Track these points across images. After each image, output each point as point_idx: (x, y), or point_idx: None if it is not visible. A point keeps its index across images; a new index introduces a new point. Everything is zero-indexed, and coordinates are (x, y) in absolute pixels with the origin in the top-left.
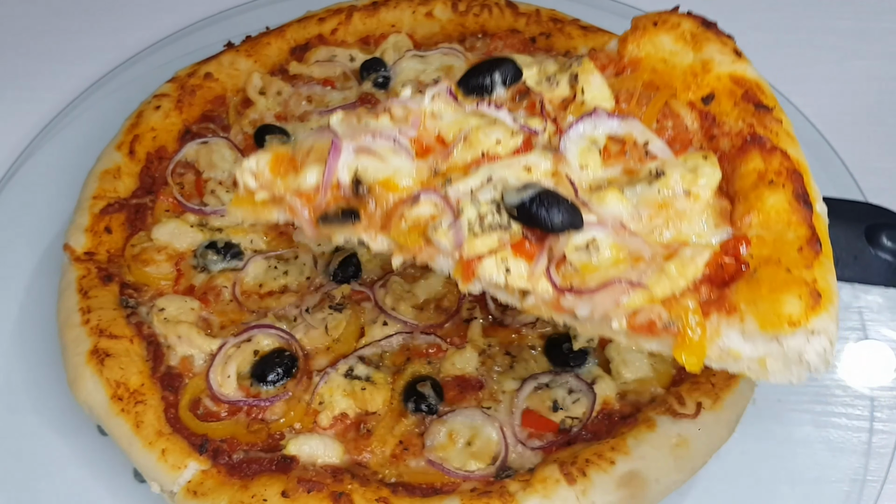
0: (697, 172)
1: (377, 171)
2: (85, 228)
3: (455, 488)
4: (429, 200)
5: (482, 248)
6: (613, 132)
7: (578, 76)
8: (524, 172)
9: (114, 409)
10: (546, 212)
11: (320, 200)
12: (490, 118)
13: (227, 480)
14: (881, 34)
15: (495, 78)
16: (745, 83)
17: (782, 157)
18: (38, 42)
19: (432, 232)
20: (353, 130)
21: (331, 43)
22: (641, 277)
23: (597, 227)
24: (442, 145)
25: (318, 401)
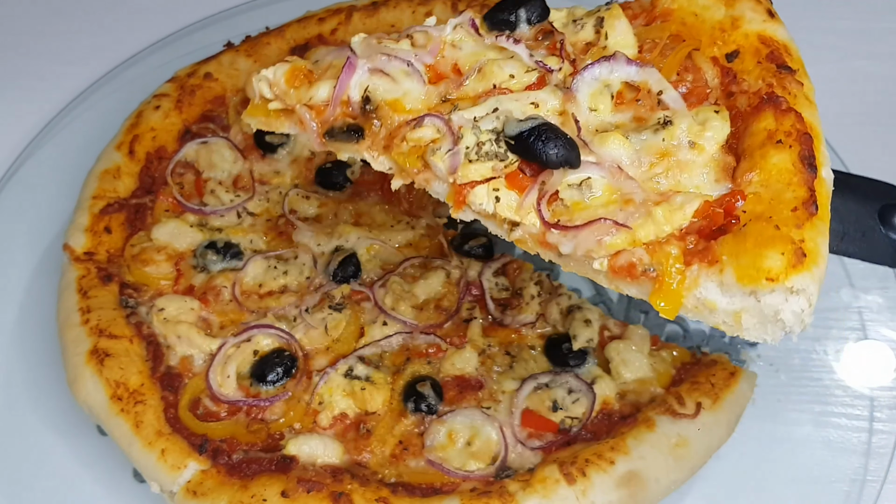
0: (706, 125)
1: (387, 92)
2: (85, 228)
3: (455, 488)
4: (432, 124)
5: (475, 174)
6: (630, 78)
7: (604, 20)
8: (531, 107)
9: (113, 409)
10: (542, 145)
11: (329, 114)
12: (508, 53)
13: (227, 480)
14: (881, 34)
15: (520, 14)
16: (772, 43)
17: (796, 118)
18: (37, 42)
19: (430, 155)
20: (371, 51)
21: (330, 43)
22: (628, 219)
23: (594, 167)
24: (457, 74)
25: (318, 401)
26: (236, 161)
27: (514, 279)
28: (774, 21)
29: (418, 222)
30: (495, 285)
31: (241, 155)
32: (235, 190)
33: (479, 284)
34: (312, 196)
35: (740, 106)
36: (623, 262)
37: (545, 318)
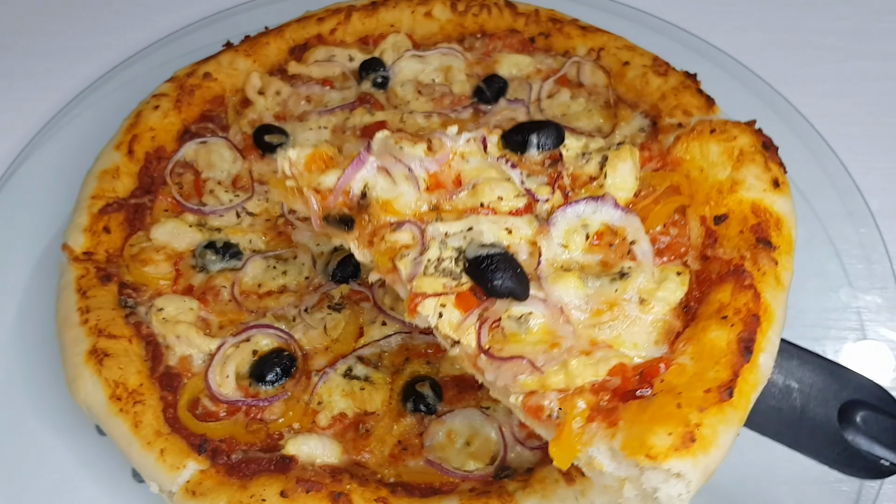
0: (661, 285)
1: (383, 191)
2: (84, 228)
3: (454, 488)
4: (409, 230)
5: (428, 287)
6: (611, 222)
7: (608, 159)
8: (504, 232)
9: (112, 409)
10: (492, 273)
11: (330, 201)
12: (504, 175)
13: (226, 480)
14: (881, 34)
15: (532, 139)
16: (763, 214)
17: (752, 297)
18: (36, 42)
19: (399, 259)
20: (386, 149)
21: (330, 43)
22: (546, 363)
23: (539, 303)
24: (456, 186)
25: (317, 401)
26: (235, 161)
27: None
28: (777, 192)
29: None
30: None
31: (241, 155)
32: (234, 190)
33: None
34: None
35: (711, 271)
36: (534, 402)
37: None
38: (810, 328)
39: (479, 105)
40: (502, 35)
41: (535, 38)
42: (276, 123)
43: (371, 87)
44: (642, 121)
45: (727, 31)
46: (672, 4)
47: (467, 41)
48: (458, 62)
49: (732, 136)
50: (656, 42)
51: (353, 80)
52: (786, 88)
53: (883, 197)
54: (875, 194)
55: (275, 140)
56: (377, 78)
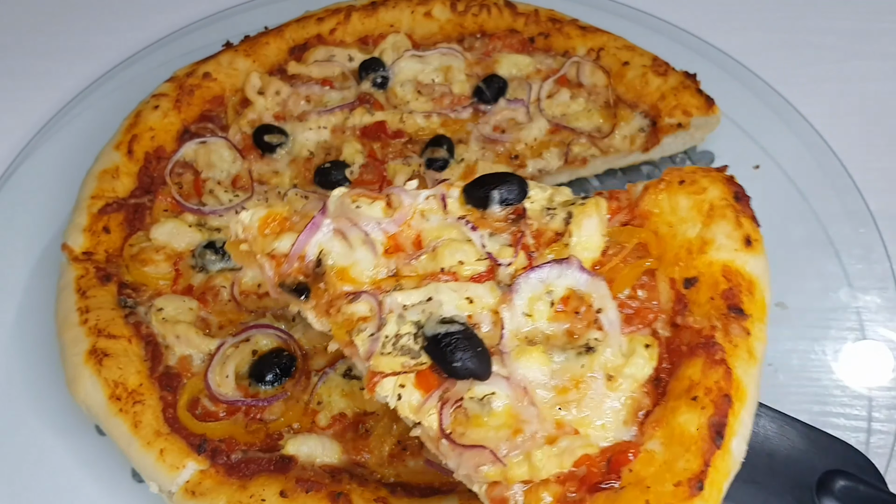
0: (629, 360)
1: (339, 257)
2: (83, 228)
3: (453, 488)
4: (367, 302)
5: (386, 366)
6: (577, 287)
7: (572, 216)
8: (465, 302)
9: (112, 409)
10: (451, 354)
11: (285, 268)
12: (465, 236)
13: (226, 480)
14: (881, 34)
15: (494, 195)
16: (734, 278)
17: (724, 374)
18: (36, 41)
19: (356, 334)
20: (343, 210)
21: (329, 43)
22: (510, 451)
23: (502, 382)
24: (416, 248)
25: (317, 401)
26: (235, 161)
27: None
28: (749, 250)
29: None
30: None
31: (240, 155)
32: (234, 190)
33: None
34: (311, 196)
35: (682, 341)
36: (497, 493)
37: None
38: (810, 328)
39: (479, 105)
40: (502, 35)
41: (535, 38)
42: (275, 123)
43: (371, 86)
44: (642, 121)
45: (727, 31)
46: (672, 4)
47: (467, 41)
48: (457, 62)
49: (702, 189)
50: (656, 42)
51: (352, 80)
52: (786, 88)
53: (883, 197)
54: (874, 195)
55: (274, 140)
56: (377, 78)
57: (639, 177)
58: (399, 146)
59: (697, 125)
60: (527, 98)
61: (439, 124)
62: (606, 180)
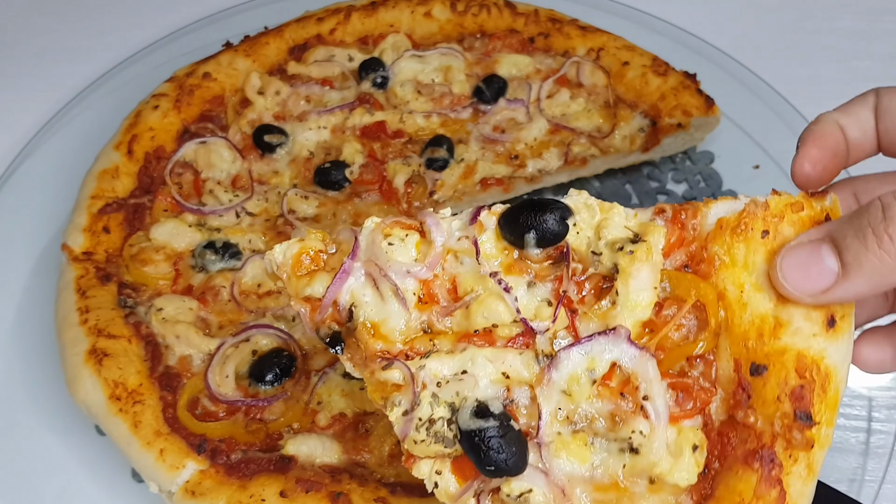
0: (676, 464)
1: (371, 310)
2: (83, 228)
3: None
4: (399, 369)
5: (420, 453)
6: (622, 363)
7: (618, 268)
8: (501, 377)
9: (112, 409)
10: (486, 454)
11: (319, 315)
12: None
13: (226, 480)
14: (881, 34)
15: (528, 238)
16: (809, 373)
17: (778, 496)
18: (36, 41)
19: (390, 407)
20: (374, 249)
21: (329, 43)
22: None
23: (539, 477)
24: (452, 296)
25: (317, 400)
26: (235, 161)
27: None
28: (831, 335)
29: None
30: None
31: (240, 155)
32: (234, 190)
33: None
34: (311, 196)
35: (737, 435)
36: None
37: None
38: None
39: (479, 105)
40: (502, 35)
41: (535, 38)
42: (275, 123)
43: (370, 86)
44: (642, 121)
45: (727, 31)
46: (672, 4)
47: (467, 41)
48: (457, 62)
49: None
50: (656, 42)
51: (352, 80)
52: (786, 88)
53: None
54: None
55: (274, 140)
56: (377, 78)
57: (639, 177)
58: (399, 146)
59: (697, 125)
60: (527, 98)
61: (439, 124)
62: (606, 180)
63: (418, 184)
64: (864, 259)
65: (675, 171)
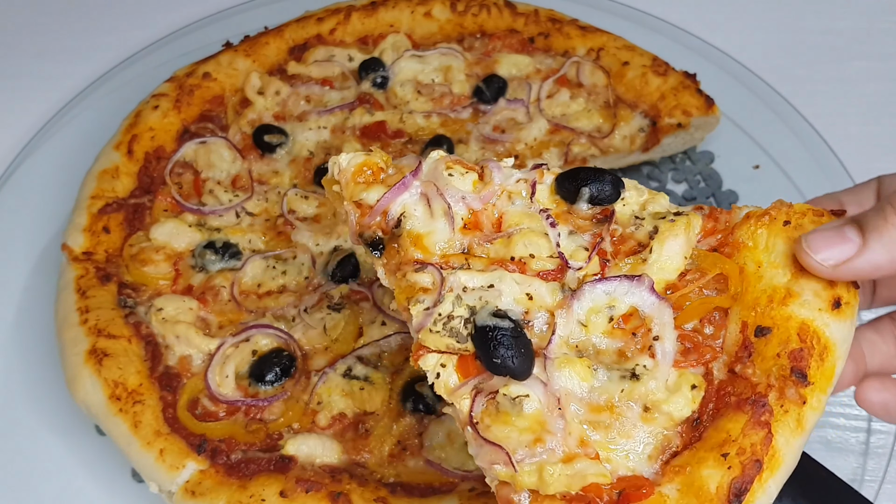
0: (671, 397)
1: (418, 223)
2: (83, 228)
3: (453, 488)
4: (431, 274)
5: (432, 343)
6: (641, 308)
7: (658, 234)
8: (524, 297)
9: (112, 409)
10: (495, 349)
11: (368, 219)
12: (543, 227)
13: (226, 480)
14: (881, 34)
15: (584, 191)
16: (810, 339)
17: (764, 439)
18: (35, 41)
19: (413, 304)
20: (434, 175)
21: (329, 43)
22: (523, 460)
23: (539, 386)
24: (495, 228)
25: (317, 401)
26: (235, 161)
27: None
28: (836, 314)
29: None
30: None
31: (240, 155)
32: (234, 190)
33: None
34: (311, 196)
35: (733, 390)
36: (505, 493)
37: None
38: None
39: (479, 105)
40: (502, 35)
41: (535, 38)
42: (275, 123)
43: (370, 87)
44: (642, 121)
45: (727, 31)
46: (672, 4)
47: (467, 41)
48: (457, 62)
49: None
50: (656, 42)
51: (352, 80)
52: (786, 88)
53: None
54: None
55: (274, 140)
56: (377, 78)
57: (639, 177)
58: (399, 146)
59: (697, 125)
60: (526, 98)
61: (439, 124)
62: None
63: None
64: (884, 230)
65: (674, 170)
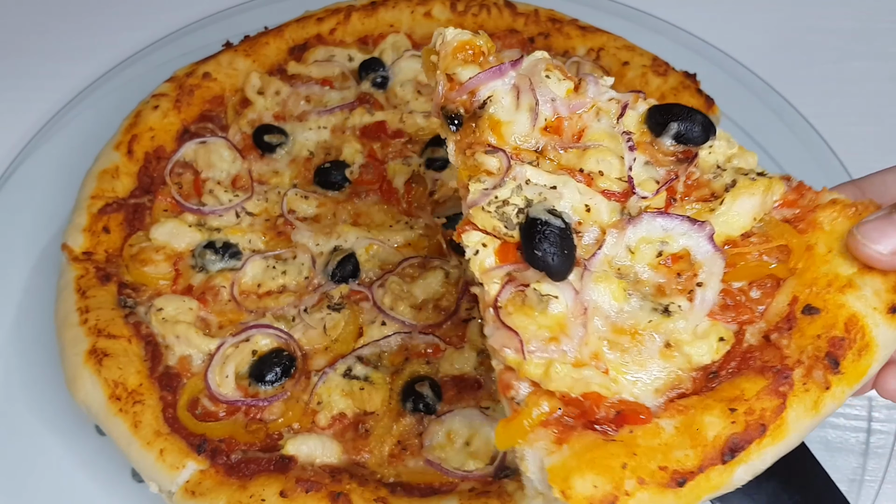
0: (695, 342)
1: (502, 111)
2: (83, 228)
3: (453, 488)
4: (499, 159)
5: (480, 221)
6: (693, 253)
7: (734, 188)
8: (582, 207)
9: (112, 409)
10: (539, 241)
11: (455, 94)
12: (621, 151)
13: (226, 480)
14: (880, 34)
15: (672, 126)
16: (855, 332)
17: (777, 408)
18: (36, 41)
19: (473, 182)
20: (532, 72)
21: (329, 43)
22: (534, 351)
23: (569, 292)
24: (572, 139)
25: (317, 401)
26: (235, 161)
27: None
28: (888, 318)
29: (417, 222)
30: None
31: (240, 155)
32: (234, 190)
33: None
34: (311, 196)
35: (762, 356)
36: (507, 378)
37: None
38: None
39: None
40: (502, 35)
41: (535, 38)
42: (275, 123)
43: (370, 87)
44: None
45: (727, 31)
46: (672, 4)
47: None
48: None
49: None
50: (656, 42)
51: (352, 80)
52: (786, 88)
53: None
54: None
55: (274, 140)
56: (377, 78)
57: None
58: (399, 146)
59: None
60: None
61: (439, 124)
62: None
63: (418, 184)
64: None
65: None
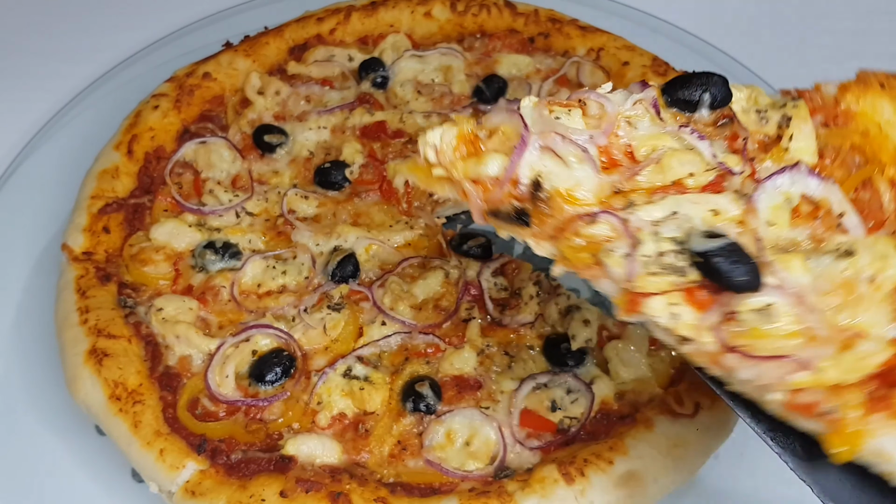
0: (886, 260)
1: (559, 179)
2: (83, 228)
3: (453, 488)
4: (607, 222)
5: (653, 287)
6: (810, 193)
7: (792, 120)
8: (710, 215)
9: (112, 409)
10: (729, 269)
11: (496, 194)
12: (687, 144)
13: (226, 480)
14: (881, 34)
15: (704, 97)
16: None
17: None
18: (35, 41)
19: (605, 255)
20: (542, 123)
21: (329, 43)
22: (813, 359)
23: (776, 291)
24: (629, 159)
25: (317, 401)
26: (235, 161)
27: (512, 279)
28: None
29: (417, 222)
30: (494, 285)
31: (240, 155)
32: (234, 190)
33: (478, 284)
34: (311, 196)
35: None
36: (803, 400)
37: (544, 318)
38: None
39: (479, 105)
40: (502, 35)
41: (535, 38)
42: (275, 123)
43: (370, 87)
44: None
45: (727, 31)
46: (672, 4)
47: (467, 41)
48: (457, 62)
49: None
50: (656, 42)
51: (352, 80)
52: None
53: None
54: None
55: (274, 140)
56: (377, 78)
57: None
58: (399, 146)
59: None
60: None
61: (439, 124)
62: None
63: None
64: None
65: None
